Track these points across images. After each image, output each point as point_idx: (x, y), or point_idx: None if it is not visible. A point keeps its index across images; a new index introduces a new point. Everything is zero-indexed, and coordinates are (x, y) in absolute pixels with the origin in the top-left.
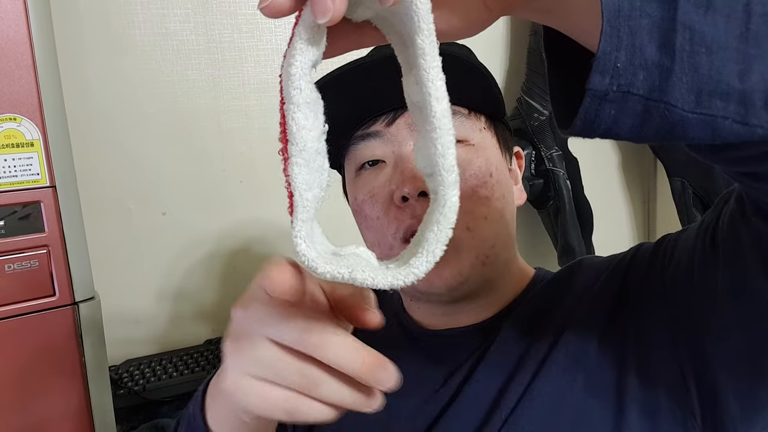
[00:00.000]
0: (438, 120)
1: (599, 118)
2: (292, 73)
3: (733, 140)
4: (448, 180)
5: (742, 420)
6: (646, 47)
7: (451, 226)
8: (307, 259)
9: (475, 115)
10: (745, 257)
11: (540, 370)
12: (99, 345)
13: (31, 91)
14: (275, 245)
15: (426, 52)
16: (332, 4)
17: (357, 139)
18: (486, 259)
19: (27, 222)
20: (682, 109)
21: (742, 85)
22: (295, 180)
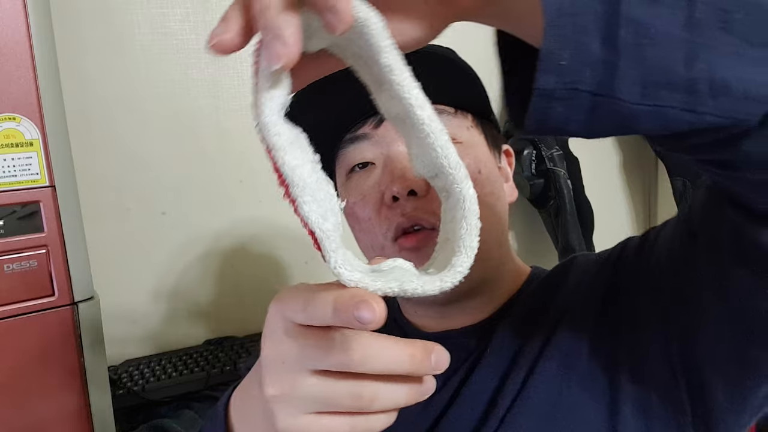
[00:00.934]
0: (428, 125)
1: (549, 117)
2: (266, 123)
3: (684, 128)
4: (459, 176)
5: (731, 411)
6: (591, 43)
7: (477, 216)
8: (355, 282)
9: (461, 113)
10: (720, 247)
11: (534, 368)
12: (98, 345)
13: (31, 90)
14: (275, 245)
15: (394, 67)
16: (284, 48)
17: (346, 143)
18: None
19: (26, 222)
20: (630, 102)
21: (688, 74)
22: (310, 218)
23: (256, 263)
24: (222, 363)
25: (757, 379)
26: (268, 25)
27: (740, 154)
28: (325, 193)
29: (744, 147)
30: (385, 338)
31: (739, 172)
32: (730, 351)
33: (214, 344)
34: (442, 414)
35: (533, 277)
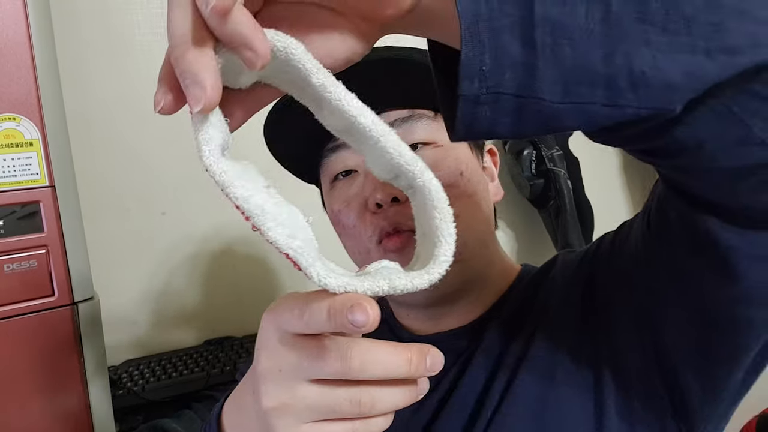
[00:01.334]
0: (374, 130)
1: (477, 121)
2: (209, 164)
3: (608, 123)
4: (418, 169)
5: (706, 399)
6: (509, 46)
7: (447, 203)
8: (344, 287)
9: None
10: (673, 237)
11: (519, 368)
12: (98, 345)
13: (31, 90)
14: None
15: (326, 85)
16: (202, 92)
17: (328, 152)
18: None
19: (26, 222)
20: (551, 101)
21: (606, 69)
22: (279, 241)
23: (256, 263)
24: (222, 363)
25: (726, 365)
26: (184, 71)
27: (671, 141)
28: (287, 213)
29: (674, 134)
30: (382, 344)
31: (674, 159)
32: (694, 340)
33: (214, 344)
34: (434, 416)
35: (523, 276)
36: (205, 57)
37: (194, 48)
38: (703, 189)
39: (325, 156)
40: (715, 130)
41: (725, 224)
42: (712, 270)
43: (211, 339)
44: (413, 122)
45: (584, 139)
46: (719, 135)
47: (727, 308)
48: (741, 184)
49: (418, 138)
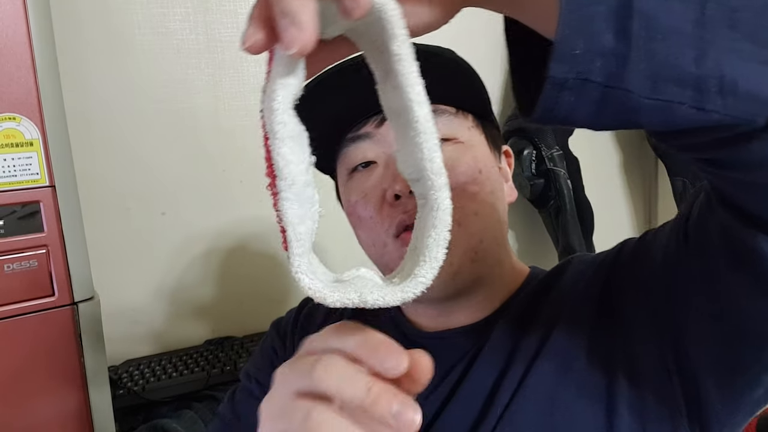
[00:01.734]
0: (421, 124)
1: (558, 106)
2: (275, 108)
3: (690, 125)
4: (438, 183)
5: (724, 410)
6: (603, 34)
7: (448, 229)
8: (313, 291)
9: (462, 113)
10: (712, 249)
11: (531, 366)
12: (98, 345)
13: (31, 90)
14: (275, 245)
15: (402, 57)
16: (300, 34)
17: (348, 142)
18: (475, 255)
19: (26, 222)
20: (639, 95)
21: (697, 71)
22: (287, 215)
23: (257, 263)
24: (222, 363)
25: (748, 380)
26: (284, 11)
27: (740, 154)
28: (309, 196)
29: (745, 147)
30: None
31: (736, 172)
32: (720, 352)
33: (214, 344)
34: (438, 412)
35: (532, 278)
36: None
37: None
38: (756, 204)
39: (344, 146)
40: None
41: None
42: (751, 285)
43: (211, 339)
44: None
45: (584, 139)
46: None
47: (760, 323)
48: None
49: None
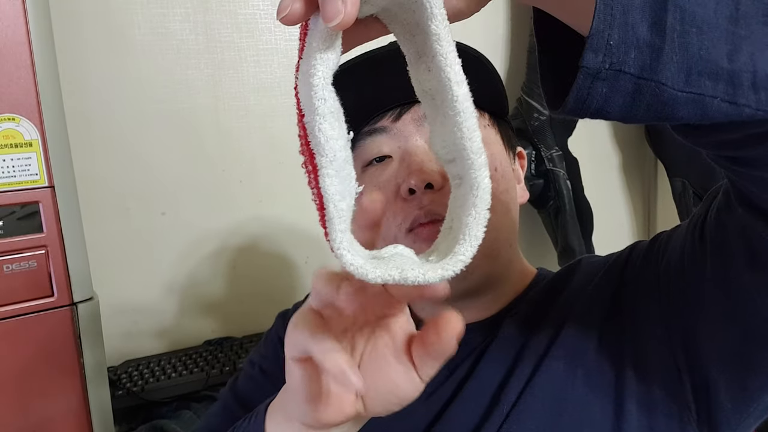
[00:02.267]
0: (461, 104)
1: (591, 97)
2: (315, 84)
3: (721, 119)
4: (478, 162)
5: (734, 411)
6: (638, 26)
7: (488, 207)
8: (355, 267)
9: (479, 111)
10: (730, 250)
11: (540, 365)
12: (98, 345)
13: (30, 91)
14: (275, 245)
15: (441, 37)
16: (343, 6)
17: (364, 135)
18: (488, 252)
19: (26, 222)
20: (672, 88)
21: (731, 65)
22: (328, 191)
23: (256, 263)
24: (221, 363)
25: (760, 382)
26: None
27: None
28: (348, 172)
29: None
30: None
31: (761, 171)
32: (732, 352)
33: (214, 345)
34: (445, 408)
35: (539, 278)
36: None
37: None
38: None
39: (360, 139)
40: None
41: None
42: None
43: (210, 339)
44: None
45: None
46: None
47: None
48: None
49: None
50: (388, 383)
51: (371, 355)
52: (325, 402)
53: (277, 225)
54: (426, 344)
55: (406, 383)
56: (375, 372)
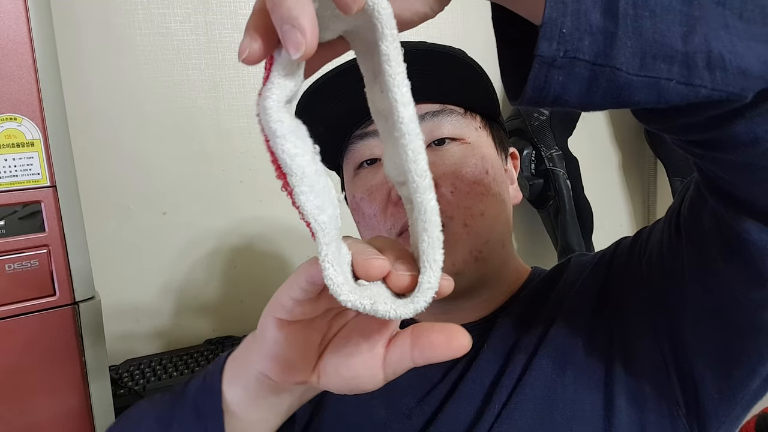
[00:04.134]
0: (406, 125)
1: (548, 85)
2: (269, 107)
3: (678, 102)
4: (422, 185)
5: (722, 402)
6: (591, 12)
7: (439, 228)
8: (332, 284)
9: (470, 114)
10: (705, 241)
11: (530, 364)
12: (99, 345)
13: (32, 91)
14: (275, 245)
15: (391, 57)
16: (303, 37)
17: (355, 139)
18: (479, 255)
19: (27, 222)
20: (627, 72)
21: (685, 47)
22: (306, 207)
23: (257, 263)
24: None
25: (745, 371)
26: (284, 17)
27: (728, 133)
28: (324, 185)
29: (733, 126)
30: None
31: (725, 153)
32: (715, 343)
33: (215, 344)
34: (439, 409)
35: (533, 277)
36: (305, 3)
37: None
38: (745, 188)
39: (351, 142)
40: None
41: (763, 225)
42: (743, 274)
43: (211, 338)
44: (443, 117)
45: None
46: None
47: (753, 313)
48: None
49: (447, 133)
50: (351, 370)
51: (345, 339)
52: (286, 366)
53: (278, 225)
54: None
55: (367, 376)
56: (341, 355)
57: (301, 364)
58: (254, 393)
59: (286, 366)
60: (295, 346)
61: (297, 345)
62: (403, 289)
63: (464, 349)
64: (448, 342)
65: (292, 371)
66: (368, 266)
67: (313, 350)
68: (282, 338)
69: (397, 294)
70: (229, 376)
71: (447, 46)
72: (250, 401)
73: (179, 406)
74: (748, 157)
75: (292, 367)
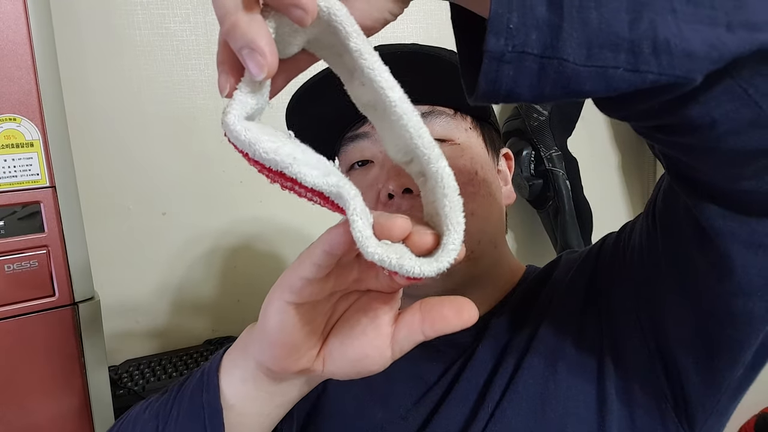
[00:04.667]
0: (399, 107)
1: (499, 80)
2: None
3: (627, 89)
4: (433, 155)
5: (707, 392)
6: (536, 6)
7: (458, 192)
8: (362, 236)
9: (460, 115)
10: (678, 231)
11: (521, 362)
12: (99, 345)
13: (31, 91)
14: (275, 245)
15: (363, 51)
16: (264, 59)
17: (347, 141)
18: (471, 255)
19: (27, 222)
20: (575, 63)
21: (630, 35)
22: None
23: (257, 263)
24: None
25: (726, 359)
26: (241, 45)
27: (684, 118)
28: (317, 159)
29: (687, 111)
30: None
31: (683, 137)
32: (695, 333)
33: (214, 344)
34: (435, 410)
35: (527, 275)
36: (257, 23)
37: (244, 15)
38: (706, 172)
39: (343, 144)
40: (728, 110)
41: (726, 211)
42: (713, 261)
43: (211, 339)
44: (432, 118)
45: (583, 140)
46: (732, 115)
47: (727, 301)
48: (746, 168)
49: (436, 134)
50: (358, 351)
51: (349, 322)
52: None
53: (278, 225)
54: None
55: (375, 356)
56: (348, 337)
57: (305, 349)
58: (253, 385)
59: (291, 351)
60: (300, 331)
61: (302, 329)
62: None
63: (473, 319)
64: (459, 314)
65: (295, 358)
66: (392, 225)
67: (317, 335)
68: (287, 322)
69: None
70: (226, 370)
71: (437, 48)
72: (248, 393)
73: (177, 403)
74: (707, 140)
75: (297, 352)
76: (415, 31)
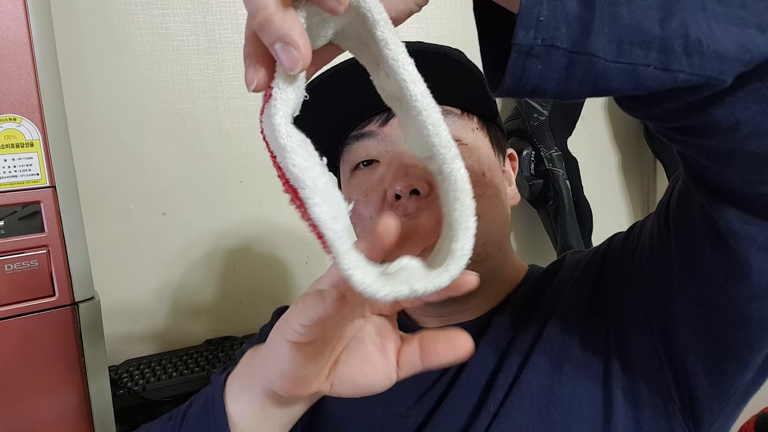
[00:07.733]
0: (420, 102)
1: (526, 74)
2: (277, 123)
3: (657, 88)
4: (449, 156)
5: (715, 396)
6: (567, 1)
7: (470, 196)
8: (365, 286)
9: (467, 115)
10: (692, 233)
11: (526, 362)
12: (99, 345)
13: (31, 91)
14: (275, 245)
15: (389, 41)
16: (298, 52)
17: (351, 140)
18: (476, 257)
19: (27, 222)
20: (605, 59)
21: (662, 33)
22: (321, 219)
23: (257, 263)
24: (222, 363)
25: (736, 364)
26: (274, 36)
27: (708, 119)
28: (334, 195)
29: (713, 112)
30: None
31: (706, 139)
32: (706, 336)
33: (214, 344)
34: (435, 408)
35: (530, 275)
36: (290, 16)
37: (277, 8)
38: (726, 175)
39: (347, 143)
40: (753, 112)
41: (744, 215)
42: (728, 265)
43: (211, 339)
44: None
45: (583, 139)
46: (757, 117)
47: (740, 305)
48: (766, 171)
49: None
50: (368, 379)
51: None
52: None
53: (278, 225)
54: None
55: (382, 381)
56: (356, 364)
57: (314, 377)
58: (261, 409)
59: (301, 382)
60: (309, 363)
61: (312, 362)
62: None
63: (468, 351)
64: (453, 349)
65: (305, 385)
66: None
67: (325, 362)
68: (297, 358)
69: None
70: (232, 396)
71: (444, 46)
72: (256, 417)
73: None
74: (730, 142)
75: (306, 381)
76: (415, 31)
